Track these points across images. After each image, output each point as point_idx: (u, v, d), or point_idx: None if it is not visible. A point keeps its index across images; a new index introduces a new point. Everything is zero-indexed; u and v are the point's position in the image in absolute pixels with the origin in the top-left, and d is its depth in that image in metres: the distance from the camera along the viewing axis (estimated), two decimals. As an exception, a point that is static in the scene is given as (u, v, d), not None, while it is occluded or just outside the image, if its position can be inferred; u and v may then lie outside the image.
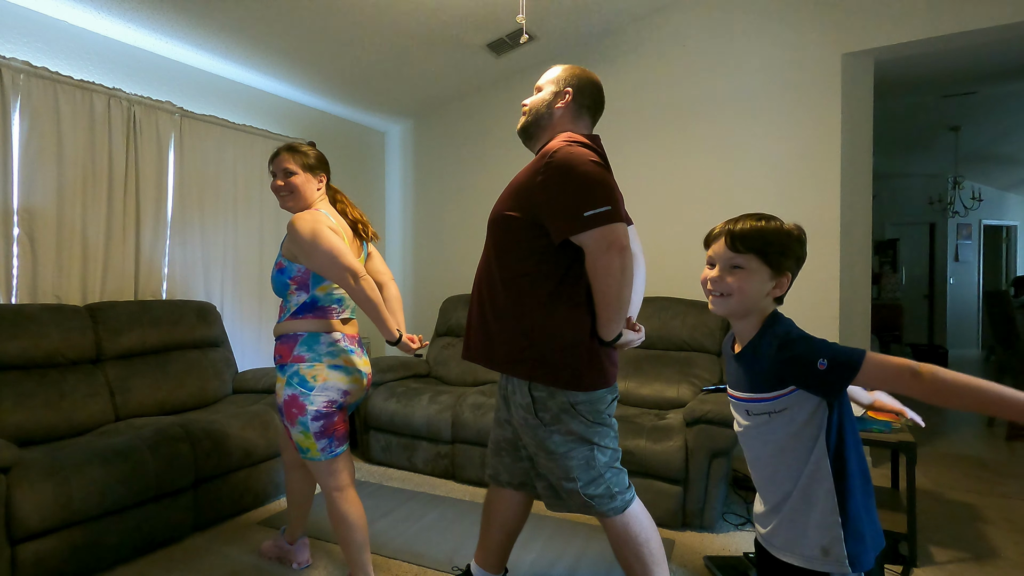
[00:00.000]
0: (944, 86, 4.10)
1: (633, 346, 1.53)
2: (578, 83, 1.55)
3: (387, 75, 3.64)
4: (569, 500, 1.50)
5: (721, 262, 1.09)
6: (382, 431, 3.16)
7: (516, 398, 1.49)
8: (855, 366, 0.95)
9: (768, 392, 1.06)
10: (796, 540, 1.06)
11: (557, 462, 1.46)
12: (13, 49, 2.47)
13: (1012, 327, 4.02)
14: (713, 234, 1.13)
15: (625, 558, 1.50)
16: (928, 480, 2.96)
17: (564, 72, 1.56)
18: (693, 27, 3.34)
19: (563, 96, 1.54)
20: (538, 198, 1.40)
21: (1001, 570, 2.04)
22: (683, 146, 3.39)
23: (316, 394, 1.65)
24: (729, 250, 1.08)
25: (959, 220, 7.61)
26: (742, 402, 1.13)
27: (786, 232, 1.06)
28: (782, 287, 1.07)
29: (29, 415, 2.17)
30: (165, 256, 3.02)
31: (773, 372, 1.04)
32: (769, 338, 1.06)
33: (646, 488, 2.40)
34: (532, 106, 1.57)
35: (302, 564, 2.03)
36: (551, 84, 1.56)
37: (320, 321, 1.71)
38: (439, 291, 4.38)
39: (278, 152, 1.79)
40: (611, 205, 1.33)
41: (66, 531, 1.85)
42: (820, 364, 0.97)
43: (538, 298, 1.42)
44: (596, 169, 1.36)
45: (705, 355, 2.97)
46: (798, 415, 1.04)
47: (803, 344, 1.01)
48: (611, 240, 1.31)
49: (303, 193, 1.77)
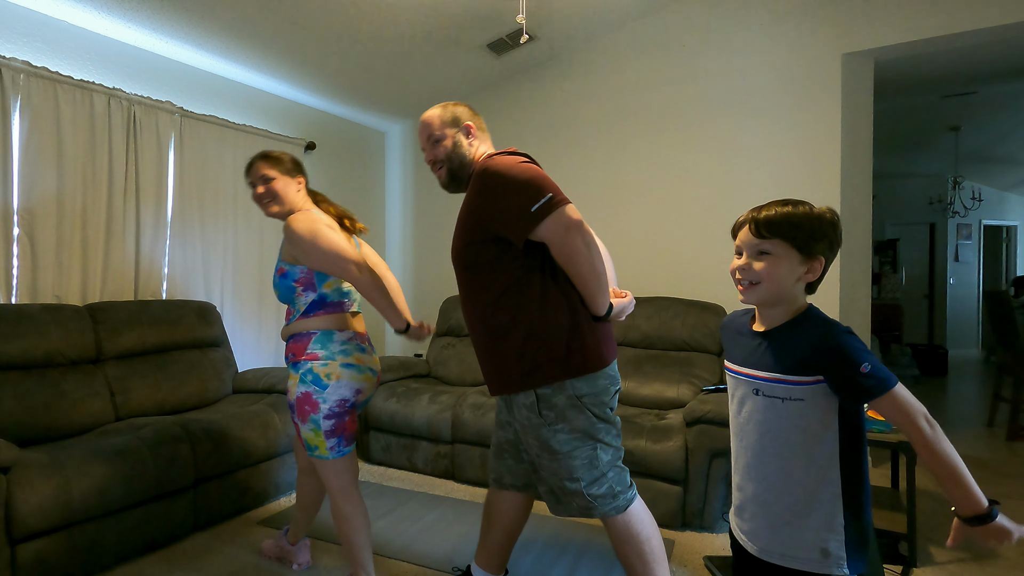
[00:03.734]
0: (944, 86, 4.10)
1: (629, 312, 1.56)
2: (466, 114, 1.60)
3: (387, 75, 3.64)
4: (571, 503, 1.49)
5: (748, 250, 1.06)
6: (382, 431, 3.16)
7: (519, 398, 1.49)
8: (889, 385, 0.95)
9: (792, 375, 1.02)
10: (790, 541, 1.04)
11: (560, 462, 1.46)
12: (13, 49, 2.47)
13: (1012, 327, 4.02)
14: (739, 222, 1.09)
15: (627, 556, 1.50)
16: (928, 480, 2.96)
17: (445, 115, 1.59)
18: (693, 27, 3.34)
19: (467, 132, 1.59)
20: (486, 214, 1.44)
21: (1001, 570, 2.04)
22: (683, 146, 3.39)
23: (330, 392, 1.65)
24: (755, 237, 1.04)
25: (959, 220, 7.61)
26: (753, 380, 1.08)
27: (816, 215, 1.02)
28: (815, 271, 1.03)
29: (29, 415, 2.17)
30: (165, 256, 3.02)
31: (807, 357, 1.00)
32: (813, 322, 1.03)
33: (646, 488, 2.40)
34: (446, 157, 1.58)
35: (303, 565, 2.03)
36: (445, 129, 1.57)
37: (331, 317, 1.72)
38: (439, 291, 4.38)
39: (252, 162, 1.79)
40: (552, 192, 1.37)
41: (66, 531, 1.85)
42: (864, 367, 0.95)
43: (528, 304, 1.45)
44: (524, 166, 1.42)
45: (705, 355, 2.97)
46: (810, 410, 1.01)
47: (851, 340, 0.97)
48: (566, 223, 1.36)
49: (285, 196, 1.77)
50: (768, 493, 1.06)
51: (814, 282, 1.06)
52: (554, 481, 1.49)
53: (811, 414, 1.01)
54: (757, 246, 1.04)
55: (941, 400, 4.96)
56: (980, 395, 5.15)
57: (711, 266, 3.31)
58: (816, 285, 1.06)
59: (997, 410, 4.08)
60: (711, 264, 3.31)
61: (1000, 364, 4.01)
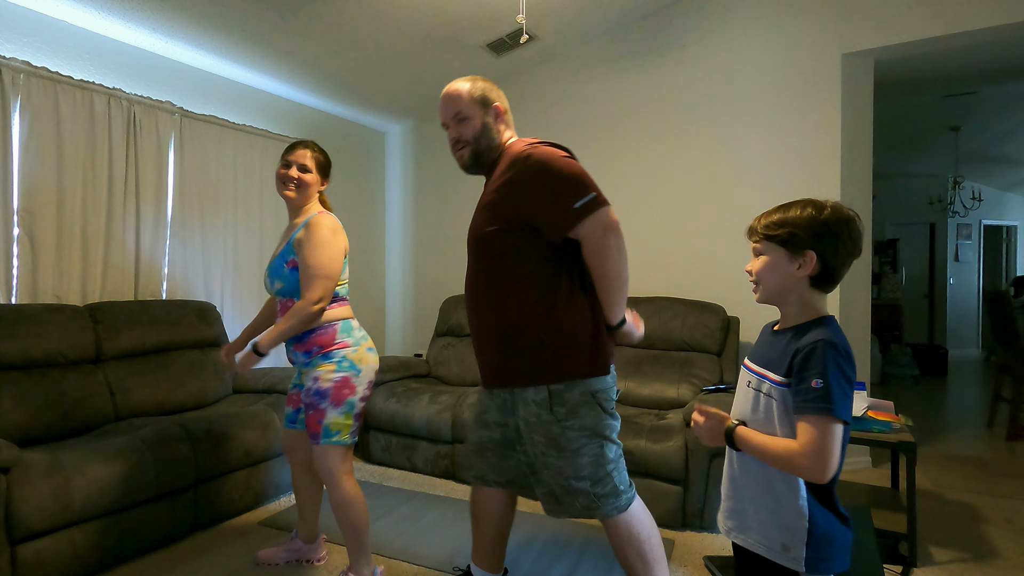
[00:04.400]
0: (944, 86, 4.10)
1: (635, 338, 1.55)
2: (494, 93, 1.57)
3: (387, 75, 3.64)
4: (573, 502, 1.48)
5: (753, 253, 1.14)
6: (382, 431, 3.16)
7: (528, 394, 1.47)
8: (826, 412, 0.94)
9: (777, 374, 1.05)
10: (760, 527, 1.06)
11: (568, 460, 1.45)
12: (13, 49, 2.47)
13: (1012, 327, 4.02)
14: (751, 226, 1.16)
15: (627, 557, 1.50)
16: (928, 480, 2.96)
17: (474, 91, 1.55)
18: (693, 27, 3.34)
19: (496, 114, 1.56)
20: (523, 203, 1.43)
21: (1001, 570, 2.04)
22: (683, 146, 3.39)
23: (364, 376, 1.79)
24: (749, 240, 1.14)
25: (959, 220, 7.61)
26: (750, 372, 1.13)
27: (805, 212, 1.05)
28: (807, 266, 1.05)
29: (29, 415, 2.17)
30: (165, 256, 3.02)
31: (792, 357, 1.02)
32: (816, 330, 1.03)
33: (646, 488, 2.40)
34: (473, 138, 1.55)
35: (322, 560, 2.09)
36: (475, 108, 1.54)
37: (345, 308, 1.85)
38: (439, 291, 4.38)
39: (299, 144, 1.86)
40: (595, 191, 1.38)
41: (66, 531, 1.85)
42: (816, 382, 0.96)
43: (548, 299, 1.44)
44: (570, 162, 1.42)
45: (705, 355, 2.97)
46: (782, 412, 1.03)
47: (829, 354, 0.97)
48: (605, 223, 1.37)
49: (309, 191, 1.87)
50: (743, 480, 1.11)
51: (822, 278, 1.07)
52: (557, 481, 1.48)
53: (782, 414, 1.03)
54: (754, 249, 1.13)
55: (941, 400, 4.96)
56: (980, 395, 5.15)
57: (711, 266, 3.31)
58: (827, 281, 1.08)
59: (997, 410, 4.08)
60: (711, 264, 3.31)
61: (1000, 364, 4.01)
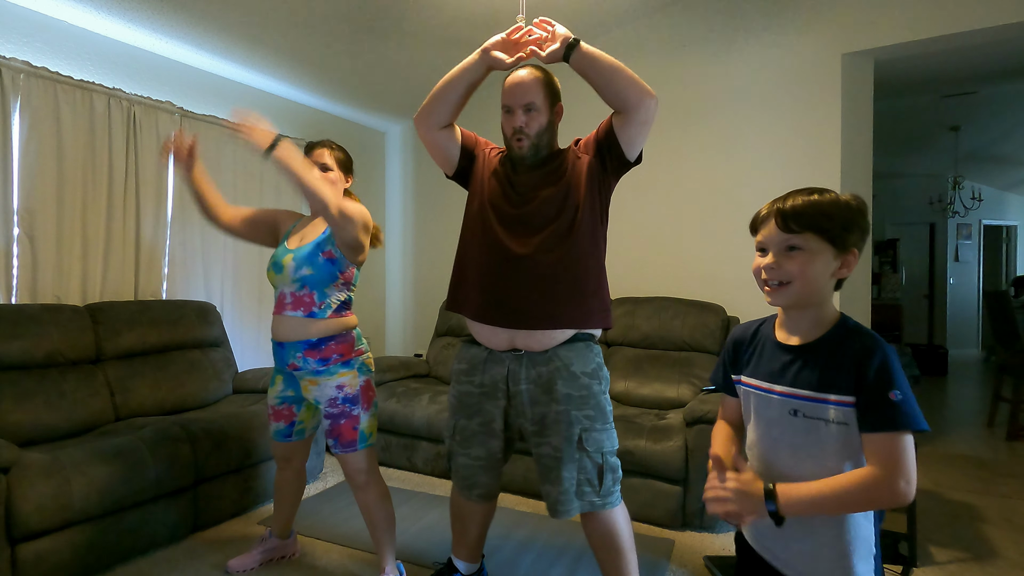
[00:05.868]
0: (944, 86, 4.10)
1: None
2: (559, 94, 1.65)
3: (387, 75, 3.64)
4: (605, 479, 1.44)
5: (775, 247, 0.95)
6: (382, 431, 3.15)
7: (575, 367, 1.45)
8: (917, 425, 0.84)
9: (840, 395, 0.90)
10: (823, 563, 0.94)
11: (608, 431, 1.48)
12: (13, 49, 2.47)
13: (1012, 327, 4.02)
14: (760, 216, 0.98)
15: (620, 548, 1.49)
16: (928, 480, 2.96)
17: (554, 85, 1.62)
18: (693, 27, 3.34)
19: (559, 115, 1.65)
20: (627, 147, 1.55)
21: (1001, 570, 2.04)
22: (683, 146, 3.39)
23: (376, 379, 1.83)
24: (782, 231, 0.93)
25: (959, 220, 7.61)
26: (790, 399, 0.95)
27: (844, 203, 0.92)
28: (849, 266, 0.93)
29: (29, 415, 2.17)
30: (165, 256, 3.02)
31: (852, 373, 0.89)
32: (861, 336, 0.91)
33: (646, 488, 2.40)
34: (537, 134, 1.59)
35: (296, 554, 2.11)
36: (545, 102, 1.60)
37: (354, 317, 1.87)
38: (439, 291, 4.38)
39: (316, 144, 1.85)
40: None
41: (66, 531, 1.84)
42: (893, 393, 0.84)
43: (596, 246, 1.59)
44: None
45: (705, 355, 2.97)
46: (854, 435, 0.88)
47: (895, 360, 0.87)
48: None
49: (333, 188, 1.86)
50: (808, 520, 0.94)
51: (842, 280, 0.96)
52: (596, 460, 1.44)
53: (855, 439, 0.89)
54: (786, 241, 0.93)
55: (941, 400, 4.96)
56: (980, 395, 5.15)
57: (711, 266, 3.31)
58: (842, 283, 0.97)
59: (997, 410, 4.08)
60: (711, 264, 3.31)
61: (1000, 364, 4.01)
